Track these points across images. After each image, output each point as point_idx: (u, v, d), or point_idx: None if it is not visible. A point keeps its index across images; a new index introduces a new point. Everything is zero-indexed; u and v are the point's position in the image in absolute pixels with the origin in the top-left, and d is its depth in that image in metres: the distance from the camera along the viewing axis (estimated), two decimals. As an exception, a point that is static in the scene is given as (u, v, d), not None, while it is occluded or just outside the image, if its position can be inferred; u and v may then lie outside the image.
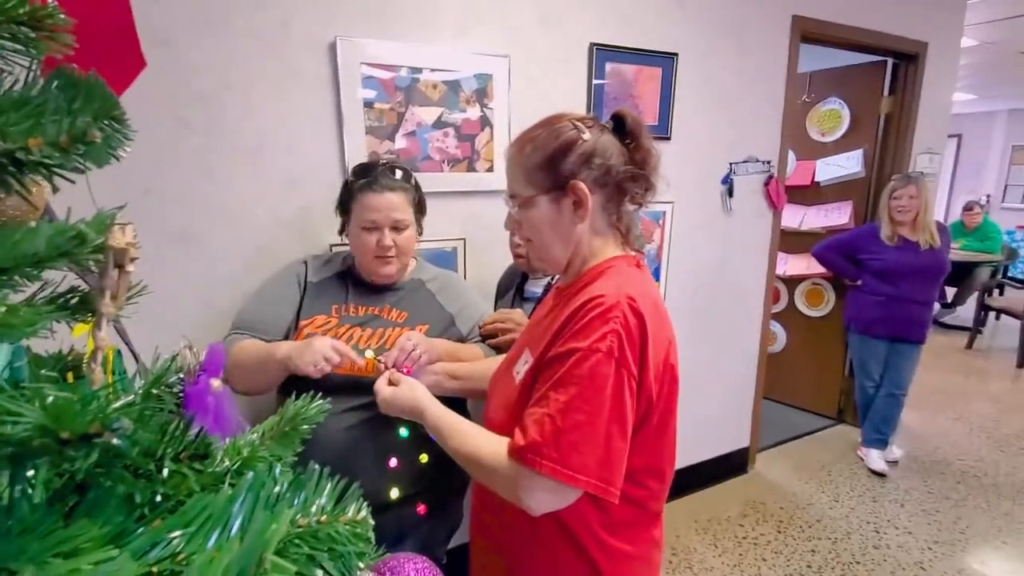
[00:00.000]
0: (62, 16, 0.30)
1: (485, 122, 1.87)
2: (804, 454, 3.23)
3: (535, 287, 1.67)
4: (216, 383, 0.42)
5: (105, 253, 0.33)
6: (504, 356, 1.10)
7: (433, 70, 1.77)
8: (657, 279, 2.41)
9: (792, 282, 3.70)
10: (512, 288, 1.74)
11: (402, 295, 1.38)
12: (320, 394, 0.45)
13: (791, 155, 3.37)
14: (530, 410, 0.81)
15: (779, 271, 3.58)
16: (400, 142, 1.76)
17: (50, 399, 0.24)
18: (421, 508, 1.29)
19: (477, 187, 1.88)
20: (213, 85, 1.53)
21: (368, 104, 1.70)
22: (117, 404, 0.25)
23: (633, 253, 0.94)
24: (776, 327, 3.79)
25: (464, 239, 1.90)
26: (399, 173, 1.32)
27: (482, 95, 1.85)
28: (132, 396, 0.37)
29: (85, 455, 0.23)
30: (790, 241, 3.54)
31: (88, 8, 0.47)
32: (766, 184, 2.65)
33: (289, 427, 0.37)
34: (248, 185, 1.59)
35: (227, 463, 0.33)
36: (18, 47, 0.28)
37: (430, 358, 1.19)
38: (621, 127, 0.90)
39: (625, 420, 0.78)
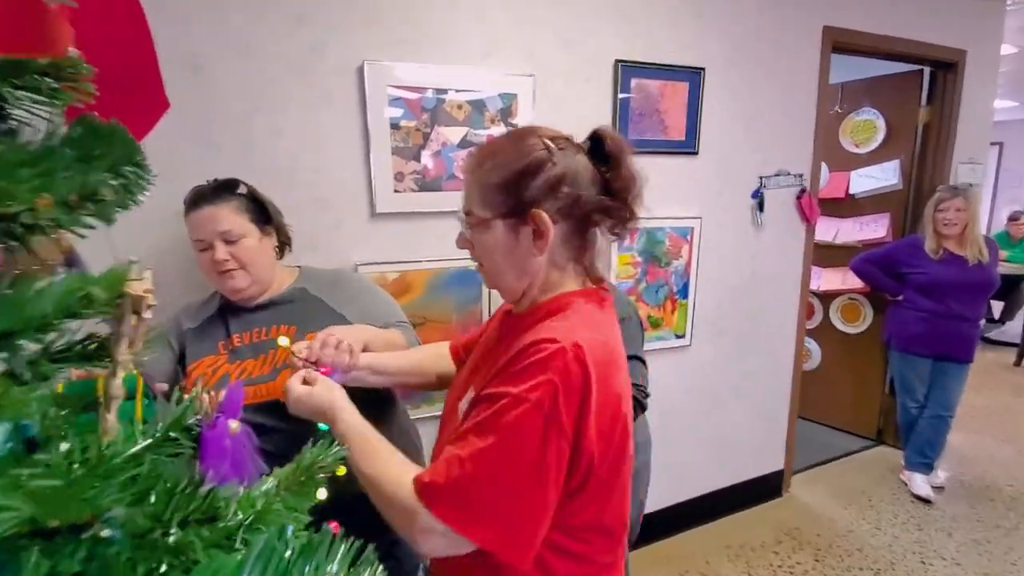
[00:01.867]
0: (85, 65, 0.30)
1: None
2: (842, 477, 3.10)
3: None
4: (235, 425, 0.42)
5: (123, 302, 0.32)
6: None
7: (458, 91, 1.78)
8: (685, 296, 2.36)
9: (827, 297, 3.59)
10: None
11: (284, 308, 1.28)
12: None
13: (823, 166, 3.28)
14: (447, 447, 0.74)
15: (813, 286, 3.47)
16: (426, 161, 1.77)
17: (36, 484, 0.23)
18: (333, 525, 1.23)
19: (502, 205, 1.88)
20: (245, 109, 1.56)
21: (394, 125, 1.72)
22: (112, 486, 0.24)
23: (595, 287, 0.85)
24: (811, 344, 3.67)
25: (489, 258, 1.89)
26: (221, 186, 1.27)
27: (507, 114, 1.85)
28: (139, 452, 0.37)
29: (72, 552, 0.22)
30: (824, 255, 3.43)
31: (111, 51, 0.47)
32: (798, 198, 2.58)
33: (305, 476, 0.36)
34: (278, 206, 1.62)
35: (239, 516, 0.32)
36: (40, 98, 0.27)
37: (354, 356, 1.04)
38: (599, 149, 0.80)
39: (546, 481, 0.69)
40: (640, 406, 1.50)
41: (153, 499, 0.28)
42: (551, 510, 0.72)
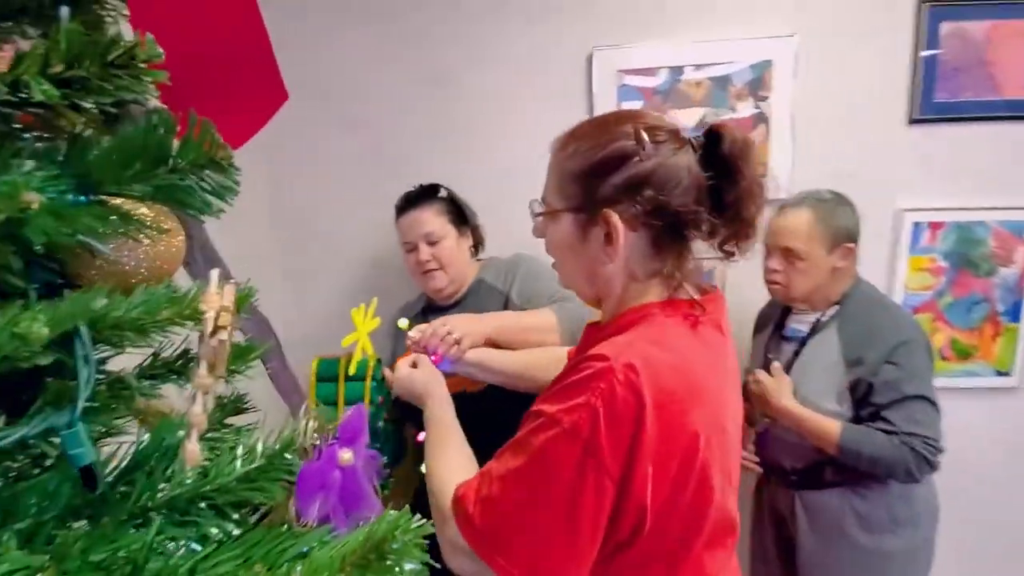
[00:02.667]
0: (156, 50, 0.28)
1: (759, 119, 1.58)
2: None
3: (800, 324, 1.33)
4: (346, 456, 0.38)
5: (202, 320, 0.30)
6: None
7: (697, 67, 1.57)
8: (1016, 318, 1.69)
9: None
10: (770, 325, 1.43)
11: (468, 303, 1.35)
12: None
13: None
14: (490, 462, 0.67)
15: None
16: (654, 151, 1.61)
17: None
18: None
19: (744, 197, 1.60)
20: (472, 113, 1.64)
21: (622, 113, 1.60)
22: None
23: (684, 299, 0.69)
24: None
25: (716, 265, 1.63)
26: (425, 191, 1.36)
27: (757, 87, 1.56)
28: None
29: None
30: None
31: (227, 46, 0.48)
32: None
33: (374, 556, 0.29)
34: (496, 206, 1.65)
35: None
36: (111, 85, 0.25)
37: (472, 343, 1.06)
38: (713, 150, 0.65)
39: (579, 520, 0.59)
40: (927, 463, 1.15)
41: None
42: (587, 556, 0.61)
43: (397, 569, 0.30)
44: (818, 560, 1.29)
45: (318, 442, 0.38)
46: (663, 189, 0.64)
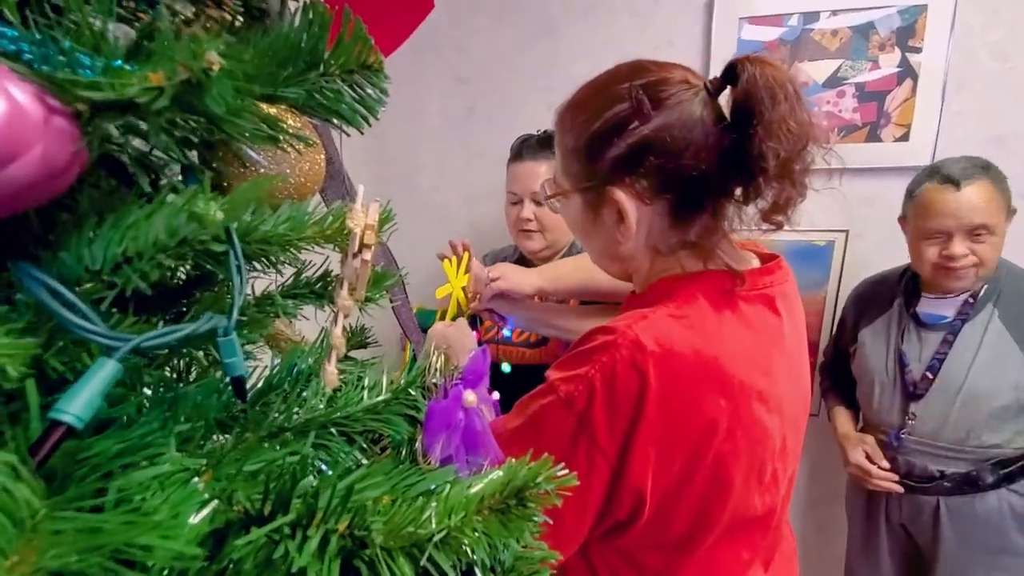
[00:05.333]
0: None
1: (905, 73, 1.39)
2: None
3: (939, 309, 1.16)
4: (471, 397, 0.36)
5: (347, 237, 0.29)
6: None
7: (835, 12, 1.39)
8: None
9: None
10: (889, 309, 1.25)
11: None
12: None
13: None
14: (498, 418, 0.63)
15: None
16: (776, 109, 1.47)
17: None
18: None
19: (877, 162, 1.43)
20: (586, 66, 1.56)
21: (742, 66, 1.46)
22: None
23: (722, 268, 0.60)
24: None
25: (847, 232, 1.48)
26: (547, 140, 1.19)
27: (906, 36, 1.37)
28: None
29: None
30: None
31: None
32: None
33: (515, 502, 0.27)
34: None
35: (432, 526, 0.25)
36: None
37: (512, 286, 0.99)
38: (733, 92, 0.54)
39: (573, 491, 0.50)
40: None
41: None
42: (575, 530, 0.57)
43: (536, 518, 0.28)
44: (968, 572, 1.15)
45: (443, 381, 0.37)
46: (670, 154, 0.55)
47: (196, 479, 0.24)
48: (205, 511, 0.23)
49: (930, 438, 1.15)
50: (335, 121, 0.29)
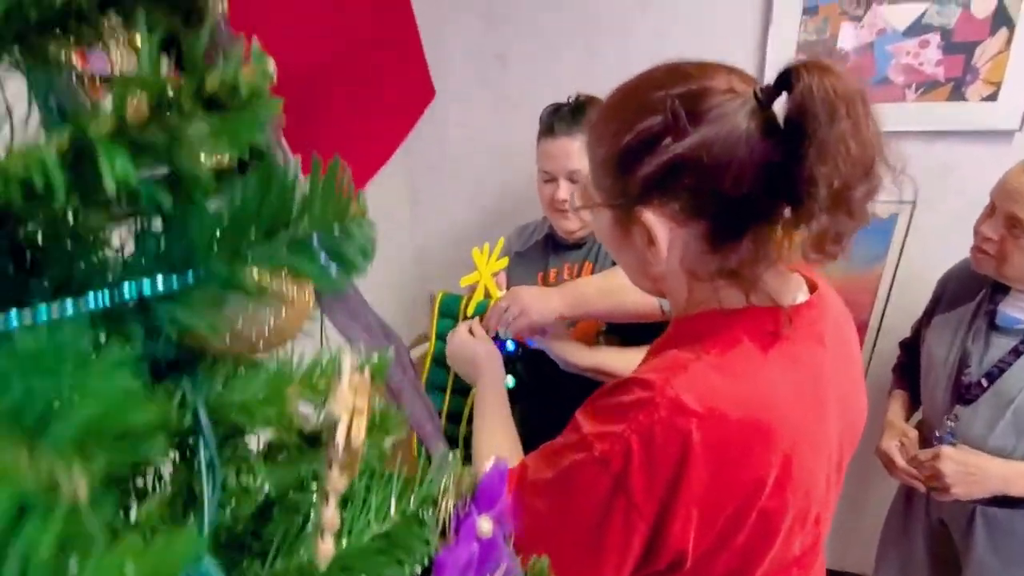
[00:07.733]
0: (268, 72, 0.19)
1: (1001, 20, 1.19)
2: None
3: (1020, 312, 1.04)
4: (486, 526, 0.32)
5: (330, 421, 0.24)
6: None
7: (926, -55, 1.19)
8: None
9: None
10: (971, 303, 1.12)
11: (592, 244, 1.19)
12: None
13: None
14: (531, 456, 0.61)
15: None
16: (847, 58, 1.30)
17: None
18: None
19: (959, 124, 1.27)
20: (626, 10, 1.40)
21: (810, 8, 1.28)
22: None
23: (771, 305, 0.54)
24: None
25: (914, 203, 1.33)
26: (579, 109, 1.09)
27: (1015, -23, 1.17)
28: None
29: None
30: None
31: (374, 39, 0.38)
32: None
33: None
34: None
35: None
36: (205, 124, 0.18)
37: (534, 321, 0.94)
38: (789, 104, 0.47)
39: (603, 551, 0.52)
40: None
41: None
42: (625, 572, 0.54)
43: None
44: None
45: (455, 506, 0.33)
46: (707, 175, 0.49)
47: None
48: None
49: (975, 444, 1.08)
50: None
